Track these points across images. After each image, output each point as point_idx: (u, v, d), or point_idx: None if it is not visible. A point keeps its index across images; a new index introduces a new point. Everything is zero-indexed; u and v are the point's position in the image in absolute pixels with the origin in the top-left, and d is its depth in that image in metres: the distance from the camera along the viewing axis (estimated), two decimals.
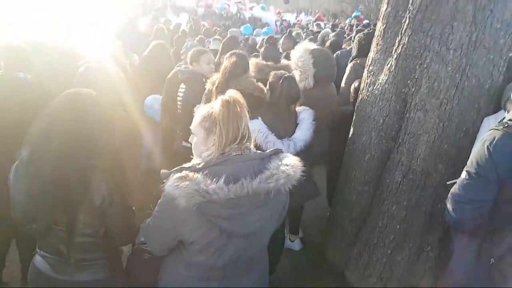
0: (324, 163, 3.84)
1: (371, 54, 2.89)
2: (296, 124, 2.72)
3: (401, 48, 2.57)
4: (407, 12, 2.55)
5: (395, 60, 2.61)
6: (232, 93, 1.60)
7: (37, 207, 1.57)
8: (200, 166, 1.50)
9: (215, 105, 1.55)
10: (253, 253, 1.68)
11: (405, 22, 2.56)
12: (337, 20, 16.32)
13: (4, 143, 2.36)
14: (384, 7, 2.80)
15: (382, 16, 2.81)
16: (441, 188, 2.46)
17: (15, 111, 2.43)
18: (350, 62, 4.12)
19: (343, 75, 4.02)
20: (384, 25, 2.76)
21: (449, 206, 1.80)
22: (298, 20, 16.86)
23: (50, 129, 1.57)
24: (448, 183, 1.92)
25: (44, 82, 2.82)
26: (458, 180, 1.78)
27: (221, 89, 2.70)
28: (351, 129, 3.05)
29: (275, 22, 14.77)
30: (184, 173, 1.46)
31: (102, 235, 1.70)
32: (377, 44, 2.83)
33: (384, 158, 2.76)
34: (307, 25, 14.87)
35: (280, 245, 3.11)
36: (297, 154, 2.58)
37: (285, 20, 16.08)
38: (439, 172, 2.49)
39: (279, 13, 18.64)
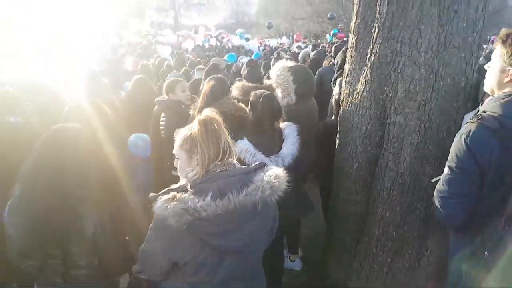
0: (315, 178, 3.84)
1: (347, 66, 2.95)
2: (282, 140, 2.74)
3: (374, 56, 2.63)
4: (376, 22, 2.62)
5: (369, 68, 2.66)
6: (208, 112, 1.63)
7: (31, 242, 1.58)
8: (187, 186, 1.53)
9: (193, 126, 1.58)
10: (248, 269, 1.69)
11: (374, 31, 2.62)
12: (319, 40, 16.66)
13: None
14: (353, 19, 2.88)
15: (352, 28, 2.89)
16: (432, 189, 2.44)
17: (7, 153, 2.48)
18: (337, 79, 4.19)
19: (329, 90, 4.07)
20: (356, 36, 2.83)
21: (436, 203, 1.82)
22: (280, 44, 17.23)
23: (37, 164, 1.61)
24: (432, 180, 1.94)
25: (34, 123, 2.87)
26: (442, 176, 1.80)
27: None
28: (337, 141, 3.07)
29: (258, 48, 15.09)
30: (171, 194, 1.49)
31: (97, 266, 1.70)
32: (351, 56, 2.89)
33: (372, 165, 2.77)
34: (289, 47, 15.19)
35: (280, 267, 3.07)
36: (286, 169, 2.59)
37: (267, 45, 16.44)
38: (427, 173, 2.49)
39: (261, 39, 19.07)
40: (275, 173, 1.60)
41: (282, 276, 3.08)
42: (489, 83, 1.83)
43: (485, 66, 1.88)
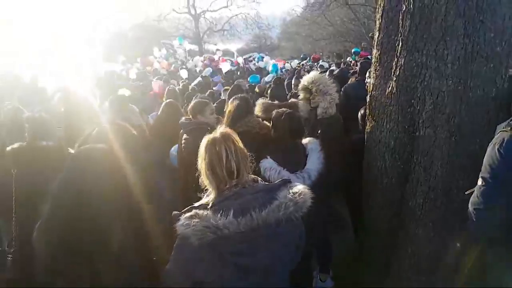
0: (344, 194, 3.77)
1: (371, 81, 2.94)
2: (306, 156, 2.72)
3: (399, 70, 2.61)
4: (399, 35, 2.61)
5: (395, 82, 2.63)
6: (221, 130, 1.64)
7: (59, 261, 1.60)
8: (209, 203, 1.53)
9: (200, 147, 1.60)
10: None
11: (398, 45, 2.61)
12: (342, 60, 16.60)
13: (30, 209, 2.45)
14: (376, 34, 2.88)
15: (375, 43, 2.89)
16: (465, 203, 2.36)
17: (39, 175, 2.57)
18: None
19: (355, 106, 4.04)
20: (379, 51, 2.82)
21: (471, 216, 1.74)
22: (302, 65, 17.27)
23: (64, 184, 1.65)
24: (466, 193, 1.87)
25: (63, 146, 2.98)
26: (475, 188, 1.73)
27: None
28: (365, 156, 3.03)
29: (281, 69, 15.19)
30: (193, 212, 1.48)
31: (123, 284, 1.70)
32: (375, 70, 2.88)
33: (402, 180, 2.70)
34: (311, 67, 15.22)
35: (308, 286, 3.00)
36: (313, 185, 2.57)
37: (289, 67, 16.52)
38: (459, 187, 2.41)
39: (285, 61, 19.23)
40: (299, 190, 1.57)
41: None
42: None
43: None
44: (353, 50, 17.05)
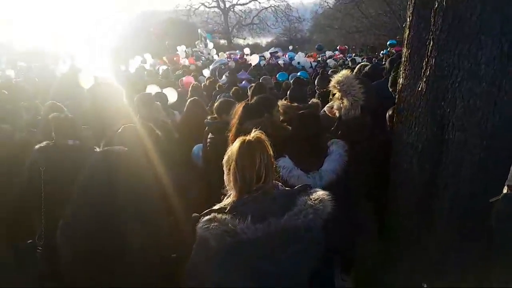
0: (372, 196, 3.69)
1: (400, 81, 2.84)
2: (325, 157, 2.68)
3: (430, 70, 2.50)
4: (430, 34, 2.50)
5: (424, 83, 2.53)
6: (256, 134, 1.63)
7: (79, 260, 1.64)
8: (228, 207, 1.53)
9: (233, 146, 1.59)
10: None
11: (429, 44, 2.51)
12: (376, 54, 16.19)
13: (57, 205, 2.53)
14: (406, 32, 2.78)
15: (406, 42, 2.78)
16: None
17: (67, 175, 2.63)
18: None
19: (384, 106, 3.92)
20: (409, 50, 2.72)
21: (495, 225, 1.67)
22: (319, 61, 16.81)
23: (86, 186, 1.69)
24: (491, 200, 1.78)
25: (90, 146, 3.05)
26: (501, 196, 1.65)
27: (235, 132, 2.78)
28: (392, 159, 2.94)
29: (311, 64, 14.94)
30: (212, 215, 1.49)
31: (142, 283, 1.73)
32: (405, 70, 2.78)
33: (430, 185, 2.60)
34: (343, 61, 14.91)
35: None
36: (330, 187, 2.52)
37: (320, 62, 16.19)
38: (488, 193, 2.29)
39: (317, 55, 18.88)
40: (319, 197, 1.55)
41: None
42: None
43: None
44: (388, 43, 16.57)
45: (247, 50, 18.04)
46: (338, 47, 18.77)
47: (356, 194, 2.92)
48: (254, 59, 13.49)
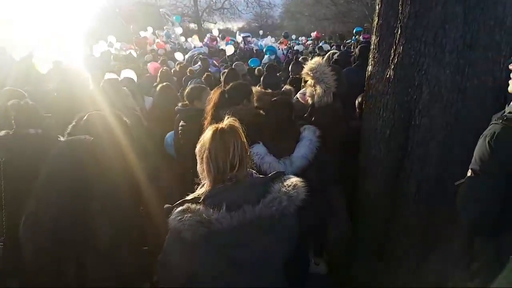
0: (342, 181, 3.77)
1: (369, 68, 2.90)
2: (297, 143, 2.72)
3: (397, 57, 2.57)
4: (398, 22, 2.56)
5: (392, 70, 2.60)
6: (229, 122, 1.62)
7: (44, 258, 1.59)
8: (202, 196, 1.52)
9: (206, 134, 1.58)
10: (268, 280, 1.65)
11: (397, 32, 2.57)
12: (345, 41, 16.31)
13: (18, 198, 2.43)
14: (375, 19, 2.83)
15: (374, 30, 2.84)
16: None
17: (28, 165, 2.50)
18: None
19: (354, 93, 3.98)
20: (378, 38, 2.77)
21: (460, 207, 1.75)
22: (305, 41, 16.86)
23: (50, 179, 1.62)
24: (456, 184, 1.86)
25: (54, 135, 2.93)
26: (465, 179, 1.73)
27: (211, 120, 2.77)
28: (361, 144, 3.02)
29: (282, 51, 14.93)
30: (186, 205, 1.47)
31: (114, 278, 1.70)
32: (373, 57, 2.84)
33: (397, 169, 2.69)
34: (313, 49, 14.98)
35: (304, 271, 3.02)
36: (303, 172, 2.56)
37: (291, 48, 16.21)
38: (454, 177, 2.38)
39: (284, 36, 18.89)
40: (293, 183, 1.56)
41: (307, 280, 3.04)
42: None
43: (510, 66, 1.80)
44: (355, 30, 16.73)
45: (216, 32, 17.75)
46: (314, 34, 18.79)
47: (328, 178, 2.98)
48: (229, 50, 13.33)
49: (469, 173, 1.72)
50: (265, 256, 1.55)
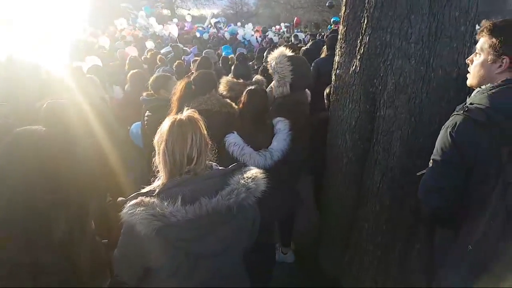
0: (309, 172, 3.78)
1: (336, 58, 2.87)
2: (273, 135, 2.68)
3: (363, 48, 2.55)
4: (365, 12, 2.54)
5: (359, 60, 2.58)
6: (188, 114, 1.56)
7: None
8: (157, 189, 1.47)
9: (163, 126, 1.52)
10: (226, 271, 1.63)
11: (364, 21, 2.55)
12: (320, 30, 16.33)
13: None
14: (343, 9, 2.79)
15: (342, 19, 2.81)
16: None
17: None
18: None
19: (327, 82, 3.96)
20: (345, 28, 2.75)
21: (421, 196, 1.77)
22: (279, 35, 16.86)
23: (2, 170, 1.53)
24: (418, 174, 1.88)
25: (12, 124, 2.78)
26: (426, 170, 1.75)
27: (177, 111, 2.71)
28: (328, 135, 3.01)
29: (256, 39, 14.84)
30: (139, 199, 1.42)
31: (70, 272, 1.64)
32: (340, 47, 2.81)
33: (362, 160, 2.71)
34: (288, 37, 14.94)
35: (271, 260, 3.03)
36: (276, 165, 2.54)
37: (267, 36, 16.12)
38: (417, 167, 2.40)
39: (263, 30, 18.73)
40: (252, 175, 1.53)
41: (273, 269, 3.04)
42: (479, 76, 1.75)
43: (467, 60, 1.82)
44: (332, 19, 16.75)
45: (188, 18, 17.41)
46: (295, 19, 18.74)
47: (298, 169, 2.97)
48: (173, 30, 12.96)
49: (430, 163, 1.73)
50: (221, 249, 1.52)
